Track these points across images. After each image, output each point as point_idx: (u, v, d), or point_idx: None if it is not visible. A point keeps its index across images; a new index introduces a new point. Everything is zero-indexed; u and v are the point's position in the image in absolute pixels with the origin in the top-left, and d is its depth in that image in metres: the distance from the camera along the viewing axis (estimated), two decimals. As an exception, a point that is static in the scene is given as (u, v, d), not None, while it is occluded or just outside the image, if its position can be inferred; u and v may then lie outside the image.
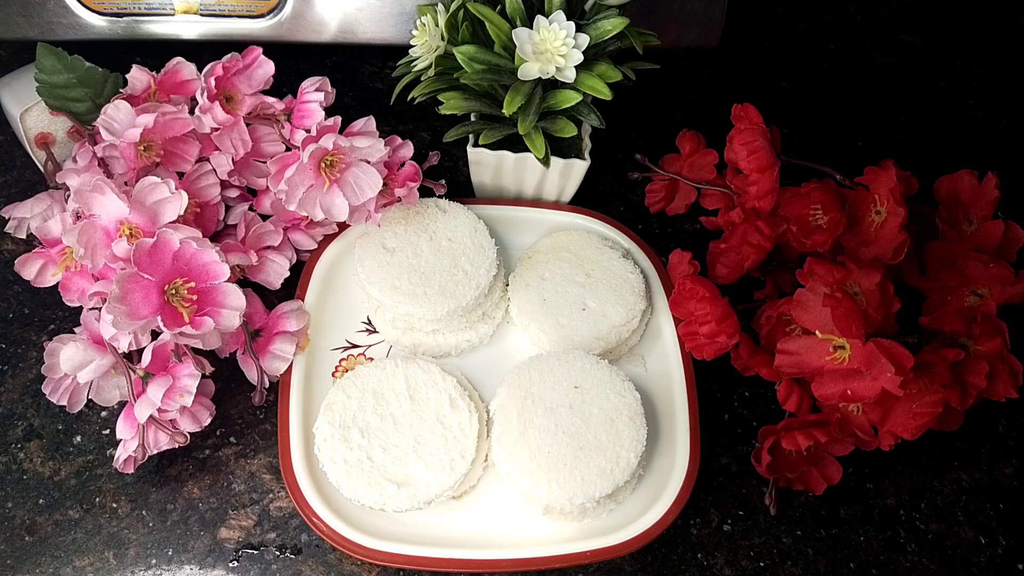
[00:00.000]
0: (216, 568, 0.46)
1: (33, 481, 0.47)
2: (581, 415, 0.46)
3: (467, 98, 0.49)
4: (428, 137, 0.62)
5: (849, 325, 0.42)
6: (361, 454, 0.45)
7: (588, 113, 0.49)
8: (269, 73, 0.51)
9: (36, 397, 0.49)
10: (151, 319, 0.41)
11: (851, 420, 0.46)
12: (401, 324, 0.51)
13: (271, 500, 0.48)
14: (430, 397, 0.47)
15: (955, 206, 0.51)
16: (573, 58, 0.45)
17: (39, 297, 0.53)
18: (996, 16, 0.75)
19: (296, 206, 0.47)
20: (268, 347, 0.49)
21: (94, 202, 0.44)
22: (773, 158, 0.50)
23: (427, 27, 0.48)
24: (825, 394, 0.44)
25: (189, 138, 0.49)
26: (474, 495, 0.48)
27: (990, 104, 0.69)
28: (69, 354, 0.44)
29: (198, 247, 0.43)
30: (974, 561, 0.49)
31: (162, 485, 0.48)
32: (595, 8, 0.47)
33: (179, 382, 0.44)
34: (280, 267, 0.52)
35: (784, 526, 0.49)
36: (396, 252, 0.51)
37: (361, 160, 0.48)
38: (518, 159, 0.52)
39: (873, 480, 0.51)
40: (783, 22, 0.73)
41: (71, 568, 0.45)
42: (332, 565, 0.46)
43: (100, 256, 0.44)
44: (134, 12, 0.56)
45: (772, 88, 0.69)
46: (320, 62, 0.65)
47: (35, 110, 0.52)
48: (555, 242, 0.54)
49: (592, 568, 0.47)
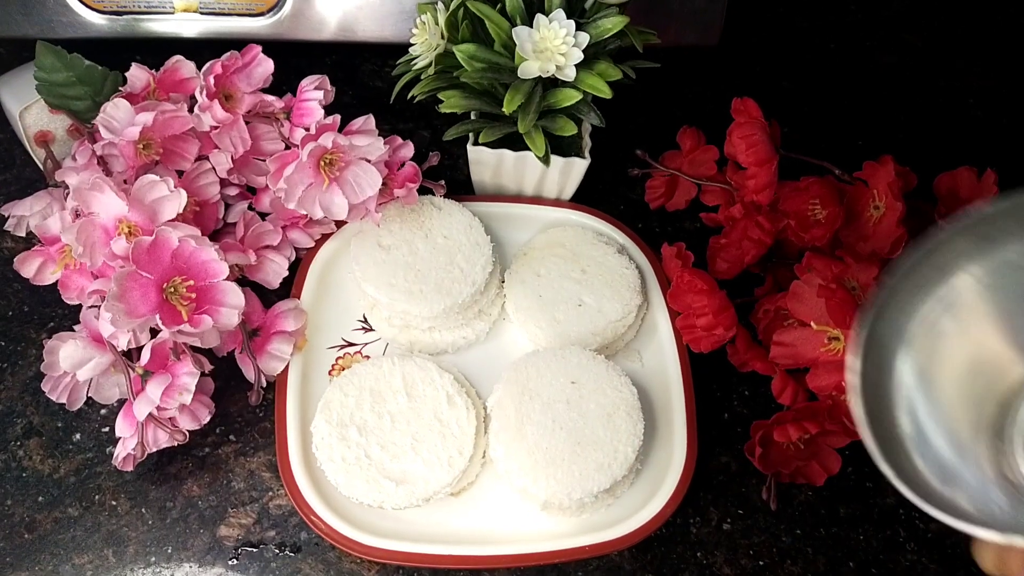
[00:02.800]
0: (215, 566, 0.46)
1: (32, 479, 0.47)
2: (578, 410, 0.46)
3: (467, 96, 0.49)
4: (428, 136, 0.62)
5: (843, 316, 0.42)
6: (359, 452, 0.45)
7: (588, 112, 0.49)
8: (268, 71, 0.51)
9: (36, 395, 0.49)
10: (150, 317, 0.42)
11: (841, 408, 0.46)
12: (397, 322, 0.51)
13: (270, 498, 0.48)
14: (427, 394, 0.47)
15: (954, 202, 0.51)
16: (573, 56, 0.45)
17: (38, 295, 0.53)
18: (996, 16, 0.75)
19: (295, 204, 0.47)
20: (266, 347, 0.49)
21: (93, 200, 0.44)
22: (772, 152, 0.50)
23: (427, 25, 0.48)
24: (820, 385, 0.44)
25: (188, 136, 0.49)
26: (472, 492, 0.48)
27: (990, 104, 0.69)
28: (68, 352, 0.44)
29: (197, 245, 0.43)
30: (974, 560, 0.49)
31: (161, 483, 0.48)
32: (595, 7, 0.47)
33: (178, 380, 0.44)
34: (279, 266, 0.52)
35: (784, 525, 0.49)
36: (392, 250, 0.51)
37: (361, 159, 0.48)
38: (518, 157, 0.53)
39: (873, 479, 0.51)
40: (783, 21, 0.73)
41: (70, 566, 0.45)
42: (331, 563, 0.46)
43: (99, 254, 0.44)
44: (134, 10, 0.56)
45: (772, 87, 0.69)
46: (320, 60, 0.65)
47: (34, 108, 0.52)
48: (550, 238, 0.54)
49: (592, 567, 0.47)
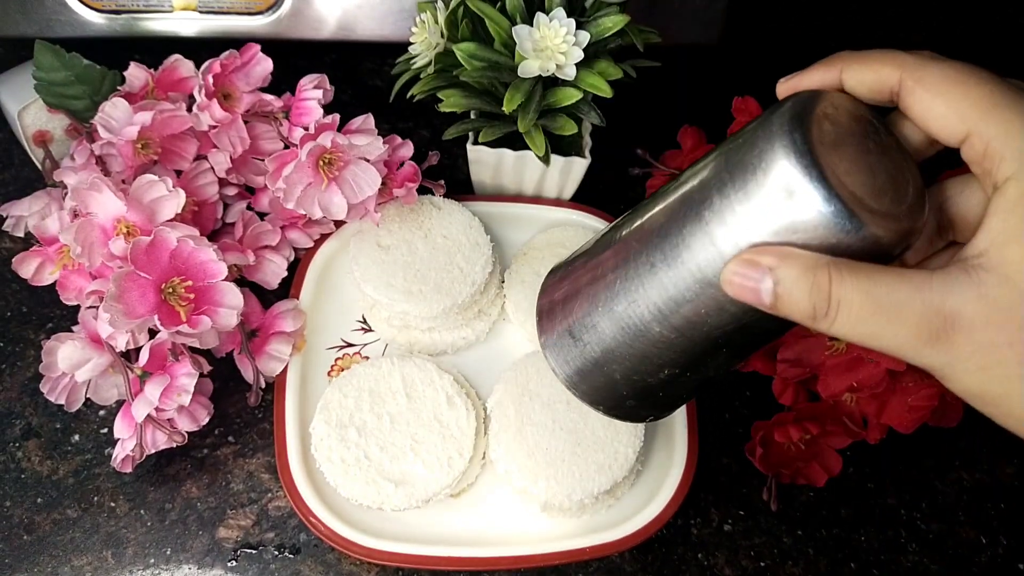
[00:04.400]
0: (214, 567, 0.46)
1: (31, 480, 0.47)
2: (579, 411, 0.46)
3: (467, 96, 0.49)
4: (427, 135, 0.62)
5: None
6: (358, 453, 0.45)
7: (588, 111, 0.49)
8: (267, 70, 0.51)
9: (34, 396, 0.49)
10: (148, 318, 0.41)
11: (842, 407, 0.46)
12: (397, 322, 0.51)
13: (269, 499, 0.48)
14: (427, 395, 0.47)
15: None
16: (573, 55, 0.45)
17: (37, 295, 0.53)
18: (996, 16, 0.75)
19: (294, 204, 0.47)
20: (264, 347, 0.48)
21: (91, 200, 0.44)
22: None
23: (427, 24, 0.48)
24: (832, 392, 0.44)
25: (187, 136, 0.49)
26: (472, 493, 0.48)
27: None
28: (67, 353, 0.43)
29: (195, 245, 0.43)
30: (975, 561, 0.49)
31: (160, 484, 0.48)
32: (596, 5, 0.47)
33: (177, 381, 0.43)
34: (277, 267, 0.51)
35: (785, 526, 0.49)
36: (391, 250, 0.51)
37: (360, 158, 0.48)
38: (518, 157, 0.52)
39: (874, 480, 0.51)
40: (784, 20, 0.73)
41: (69, 567, 0.45)
42: (331, 565, 0.46)
43: (97, 254, 0.43)
44: (132, 9, 0.56)
45: (773, 86, 0.68)
46: (319, 59, 0.65)
47: (33, 108, 0.52)
48: (550, 238, 0.54)
49: (592, 568, 0.47)
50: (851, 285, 0.26)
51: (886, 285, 0.26)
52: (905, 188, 0.28)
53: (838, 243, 0.27)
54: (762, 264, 0.27)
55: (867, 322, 0.26)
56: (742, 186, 0.28)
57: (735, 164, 0.29)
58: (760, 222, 0.28)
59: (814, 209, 0.26)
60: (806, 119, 0.28)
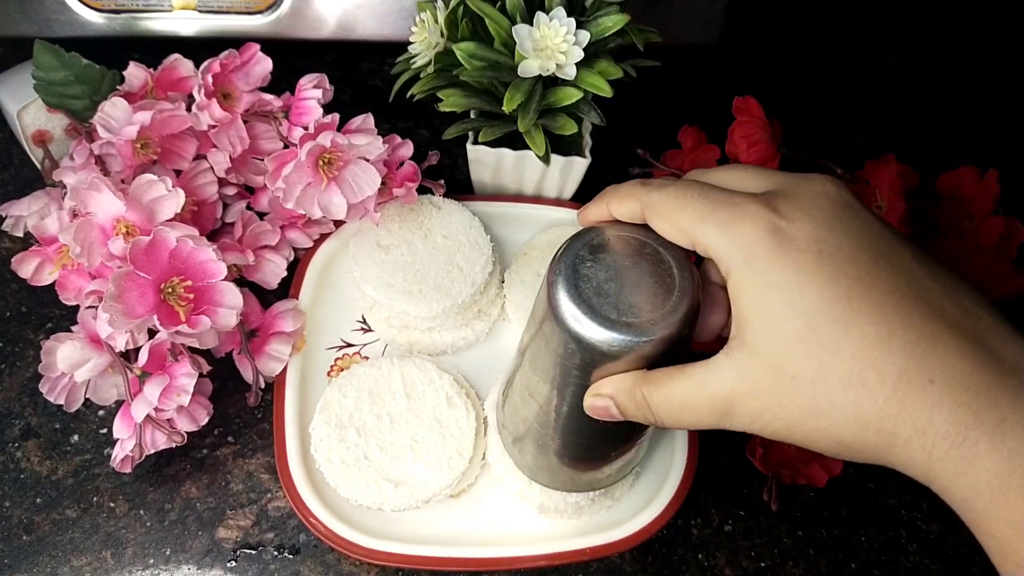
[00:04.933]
0: (214, 568, 0.45)
1: (30, 480, 0.47)
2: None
3: (467, 95, 0.49)
4: (427, 135, 0.62)
5: None
6: (358, 453, 0.45)
7: (589, 110, 0.49)
8: (267, 70, 0.51)
9: (33, 396, 0.49)
10: (147, 318, 0.41)
11: None
12: (396, 322, 0.51)
13: (269, 500, 0.47)
14: (427, 395, 0.47)
15: (956, 202, 0.51)
16: (573, 55, 0.45)
17: (36, 295, 0.52)
18: (996, 16, 0.75)
19: (294, 204, 0.47)
20: (264, 348, 0.48)
21: (91, 200, 0.43)
22: (773, 150, 0.49)
23: (426, 24, 0.48)
24: None
25: (186, 135, 0.49)
26: (472, 493, 0.47)
27: (990, 103, 0.69)
28: (66, 353, 0.43)
29: (195, 245, 0.43)
30: (975, 561, 0.49)
31: (160, 485, 0.48)
32: (596, 5, 0.47)
33: (176, 381, 0.43)
34: (277, 267, 0.51)
35: (785, 526, 0.49)
36: (391, 250, 0.51)
37: (359, 158, 0.48)
38: (518, 157, 0.52)
39: (874, 480, 0.51)
40: (784, 19, 0.73)
41: (68, 568, 0.45)
42: (330, 565, 0.46)
43: (96, 254, 0.43)
44: (132, 9, 0.56)
45: (774, 85, 0.68)
46: (318, 59, 0.65)
47: (32, 107, 0.52)
48: (551, 238, 0.54)
49: (592, 568, 0.47)
50: (655, 397, 0.32)
51: (678, 389, 0.32)
52: (668, 294, 0.32)
53: (637, 354, 0.32)
54: (603, 394, 0.34)
55: (678, 417, 0.32)
56: (563, 352, 0.34)
57: (547, 334, 0.34)
58: (584, 368, 0.34)
59: (603, 344, 0.32)
60: (570, 276, 0.33)
